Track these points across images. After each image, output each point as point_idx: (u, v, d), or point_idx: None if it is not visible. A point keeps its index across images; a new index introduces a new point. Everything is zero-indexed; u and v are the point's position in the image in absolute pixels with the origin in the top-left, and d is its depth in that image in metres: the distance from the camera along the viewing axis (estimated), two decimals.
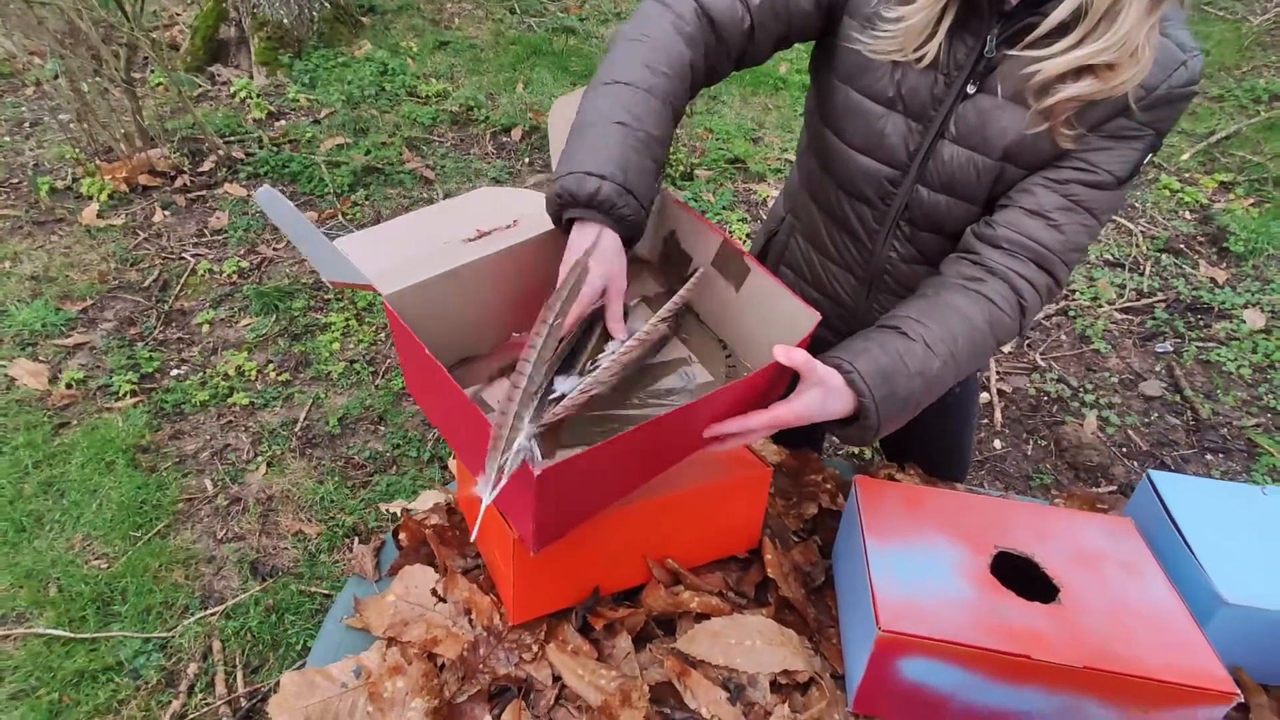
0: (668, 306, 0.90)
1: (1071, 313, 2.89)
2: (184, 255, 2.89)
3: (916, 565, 0.86)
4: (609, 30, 4.51)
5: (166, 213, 3.08)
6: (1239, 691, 0.75)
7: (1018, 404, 2.52)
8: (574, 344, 0.86)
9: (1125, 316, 2.88)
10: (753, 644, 0.88)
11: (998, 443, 2.39)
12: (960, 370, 0.85)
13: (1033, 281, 0.88)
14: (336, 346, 2.55)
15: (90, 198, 3.10)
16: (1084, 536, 0.93)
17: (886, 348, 0.82)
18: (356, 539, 2.01)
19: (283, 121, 3.60)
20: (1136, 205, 3.45)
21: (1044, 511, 0.98)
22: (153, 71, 3.79)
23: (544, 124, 3.71)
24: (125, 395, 2.33)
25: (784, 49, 0.96)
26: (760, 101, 4.12)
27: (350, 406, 2.35)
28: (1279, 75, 4.20)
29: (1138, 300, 2.94)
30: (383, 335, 2.62)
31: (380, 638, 0.87)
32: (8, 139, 3.43)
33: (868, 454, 2.31)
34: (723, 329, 1.01)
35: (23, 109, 3.64)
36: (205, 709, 1.63)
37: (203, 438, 2.24)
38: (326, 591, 1.87)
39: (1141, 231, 3.28)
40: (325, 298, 2.74)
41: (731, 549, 1.00)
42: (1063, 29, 0.80)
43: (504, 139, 3.66)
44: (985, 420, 2.46)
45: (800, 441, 1.20)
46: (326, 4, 4.03)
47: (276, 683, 0.80)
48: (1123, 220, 3.35)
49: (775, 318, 0.90)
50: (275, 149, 3.36)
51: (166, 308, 2.66)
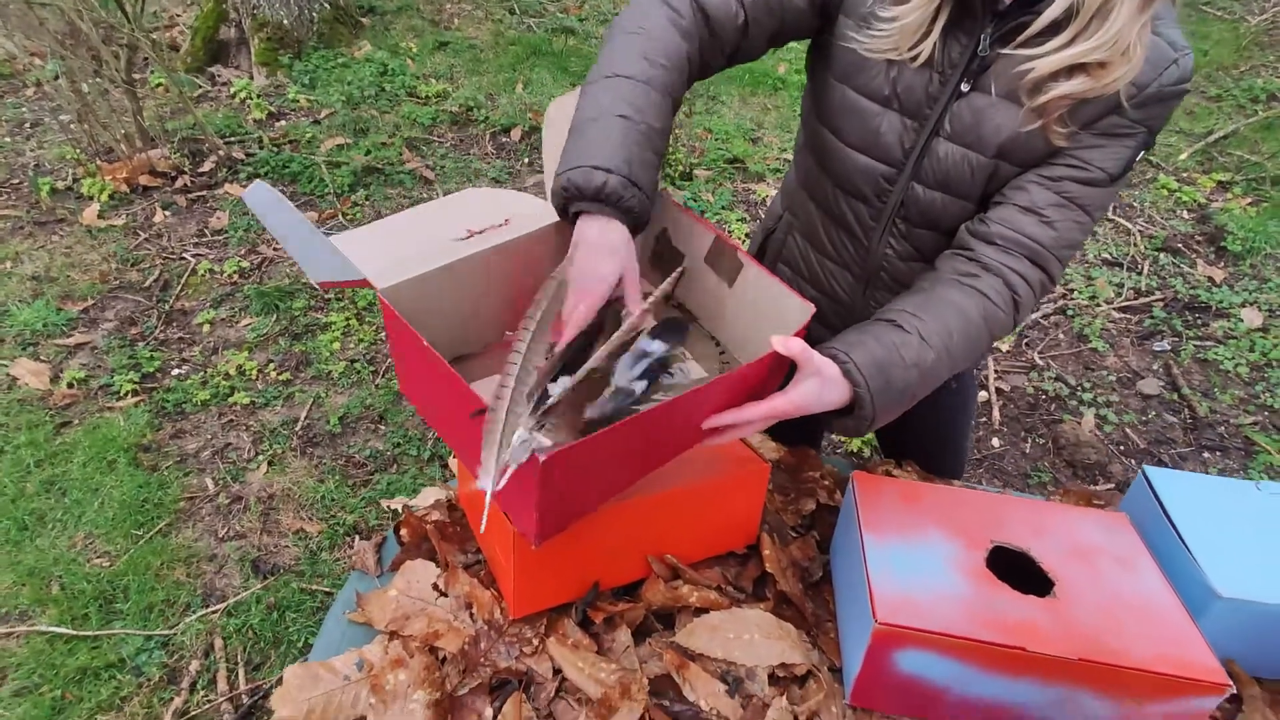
0: (650, 300, 0.90)
1: (1070, 312, 2.90)
2: (185, 255, 2.90)
3: (913, 559, 0.87)
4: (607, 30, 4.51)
5: (167, 213, 3.08)
6: (1231, 683, 0.76)
7: (1016, 402, 2.53)
8: (575, 353, 0.86)
9: (1123, 315, 2.89)
10: (751, 637, 0.89)
11: (996, 441, 2.40)
12: (955, 363, 0.86)
13: (1026, 277, 0.89)
14: (337, 346, 2.56)
15: (91, 198, 3.11)
16: (1079, 531, 0.94)
17: (882, 340, 0.83)
18: (358, 536, 2.02)
19: (283, 122, 3.61)
20: (1135, 205, 3.46)
21: (1040, 507, 0.99)
22: (153, 72, 3.80)
23: (543, 125, 3.72)
24: (126, 395, 2.33)
25: (778, 46, 0.97)
26: (759, 101, 4.13)
27: (351, 405, 2.36)
28: (1277, 75, 4.21)
29: (1135, 299, 2.95)
30: (383, 335, 2.63)
31: (382, 632, 0.88)
32: (8, 139, 3.44)
33: (866, 452, 2.32)
34: (716, 326, 1.01)
35: (23, 110, 3.65)
36: (207, 706, 1.64)
37: (204, 437, 2.25)
38: (328, 589, 1.88)
39: (1140, 231, 3.29)
40: (325, 297, 2.75)
41: (730, 544, 1.01)
42: (1055, 28, 0.81)
43: (504, 139, 3.67)
44: (983, 419, 2.47)
45: (799, 439, 1.21)
46: (326, 5, 4.04)
47: (279, 679, 0.81)
48: (1121, 220, 3.36)
49: (769, 312, 0.90)
50: (275, 149, 3.37)
51: (167, 308, 2.66)
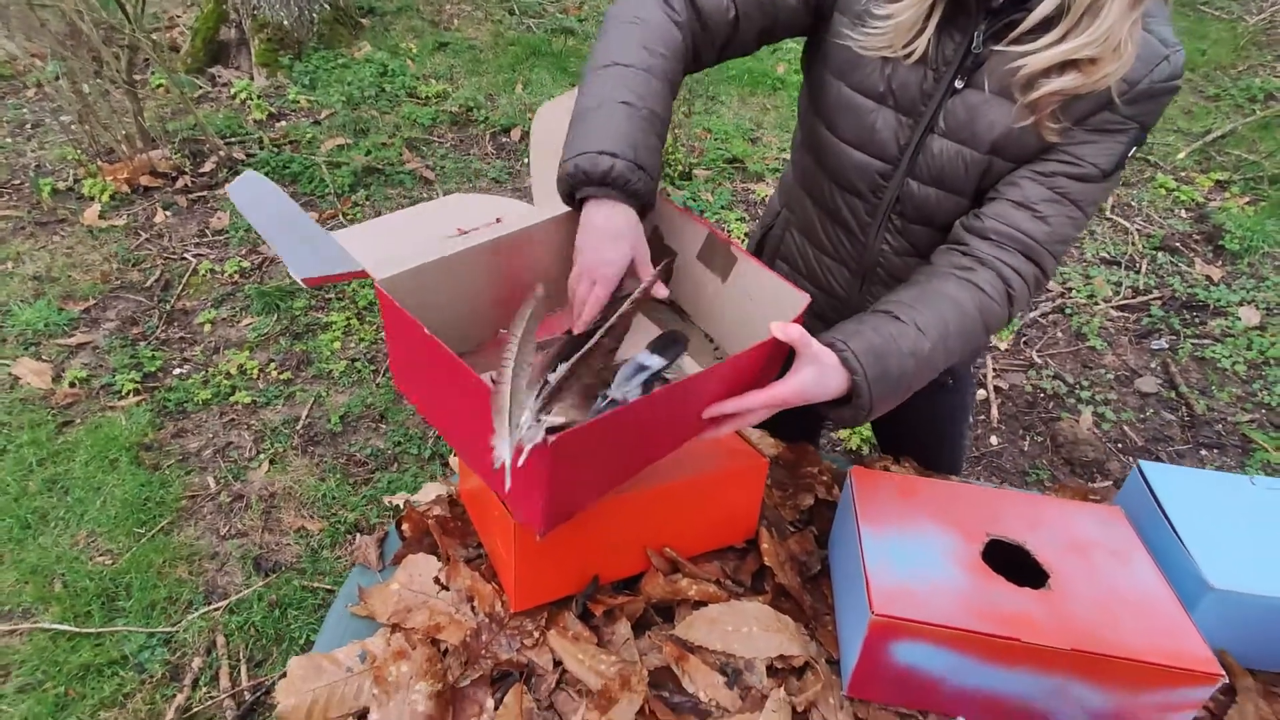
0: (634, 295, 0.90)
1: (1068, 310, 2.91)
2: (185, 255, 2.91)
3: (910, 552, 0.88)
4: None
5: (168, 213, 3.09)
6: (1223, 673, 0.77)
7: (1014, 400, 2.54)
8: (572, 348, 0.86)
9: (1121, 314, 2.90)
10: (749, 630, 0.90)
11: (994, 439, 2.41)
12: (951, 354, 0.87)
13: (1020, 271, 0.90)
14: (338, 345, 2.57)
15: (92, 198, 3.12)
16: (1075, 525, 0.95)
17: (880, 330, 0.84)
18: (359, 533, 2.03)
19: (283, 122, 3.62)
20: (1132, 204, 3.47)
21: (1036, 501, 0.99)
22: (154, 73, 3.81)
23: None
24: (128, 394, 2.34)
25: (771, 42, 0.98)
26: (758, 101, 4.14)
27: (352, 404, 2.37)
28: (1274, 74, 4.22)
29: (1133, 298, 2.96)
30: (383, 334, 2.63)
31: (384, 624, 0.88)
32: (9, 140, 3.45)
33: (865, 450, 2.33)
34: (709, 323, 1.01)
35: (24, 110, 3.66)
36: (210, 702, 1.65)
37: (205, 436, 2.26)
38: (329, 587, 1.89)
39: (1138, 230, 3.30)
40: (326, 297, 2.76)
41: (729, 539, 1.02)
42: (1047, 24, 0.82)
43: (503, 139, 3.68)
44: (982, 417, 2.48)
45: (797, 435, 1.22)
46: (326, 6, 4.05)
47: (281, 674, 0.81)
48: (1119, 219, 3.37)
49: (765, 304, 0.90)
50: (276, 150, 3.38)
51: (168, 307, 2.67)
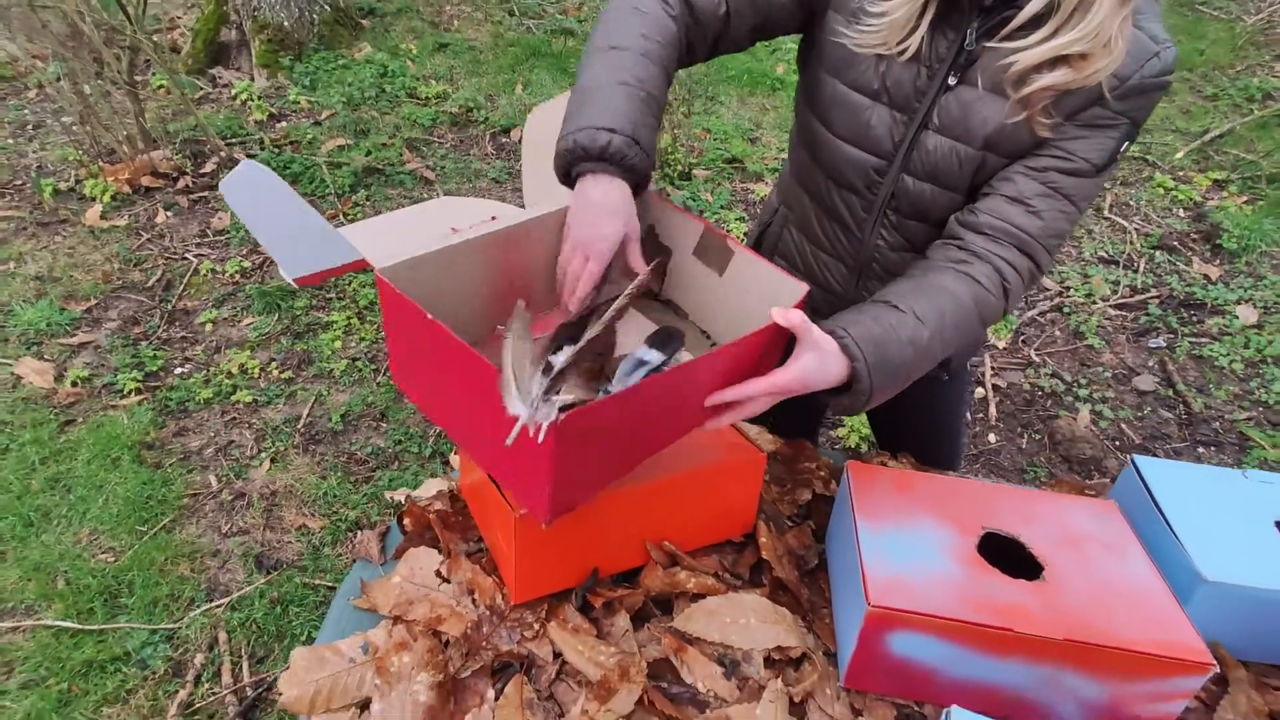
0: (625, 293, 0.91)
1: (1066, 309, 2.92)
2: (187, 255, 2.92)
3: (906, 545, 0.89)
4: None
5: (169, 213, 3.11)
6: (1214, 663, 0.78)
7: (1012, 398, 2.55)
8: (569, 334, 0.87)
9: (1119, 312, 2.91)
10: (747, 621, 0.91)
11: (992, 436, 2.42)
12: (948, 344, 0.88)
13: (1016, 265, 0.91)
14: (338, 345, 2.58)
15: (93, 199, 3.13)
16: (1069, 518, 0.96)
17: (879, 319, 0.85)
18: (361, 530, 2.03)
19: (284, 123, 3.63)
20: (1131, 203, 3.48)
21: (1031, 495, 1.00)
22: (155, 74, 3.82)
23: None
24: (130, 393, 2.35)
25: (765, 39, 1.00)
26: (758, 102, 4.15)
27: (352, 403, 2.38)
28: (1272, 74, 4.22)
29: (1131, 296, 2.97)
30: (383, 333, 2.64)
31: (386, 617, 0.89)
32: (11, 141, 3.46)
33: (863, 448, 2.34)
34: (707, 320, 1.02)
35: (26, 111, 3.67)
36: (212, 698, 1.66)
37: (207, 434, 2.27)
38: (330, 584, 1.90)
39: (1135, 229, 3.31)
40: (327, 297, 2.77)
41: (727, 533, 1.03)
42: (1037, 21, 0.84)
43: (503, 140, 3.69)
44: (980, 414, 2.49)
45: (795, 432, 1.23)
46: (326, 7, 4.06)
47: (285, 667, 0.83)
48: (1117, 218, 3.38)
49: (762, 295, 0.91)
50: (276, 150, 3.39)
51: (170, 307, 2.68)
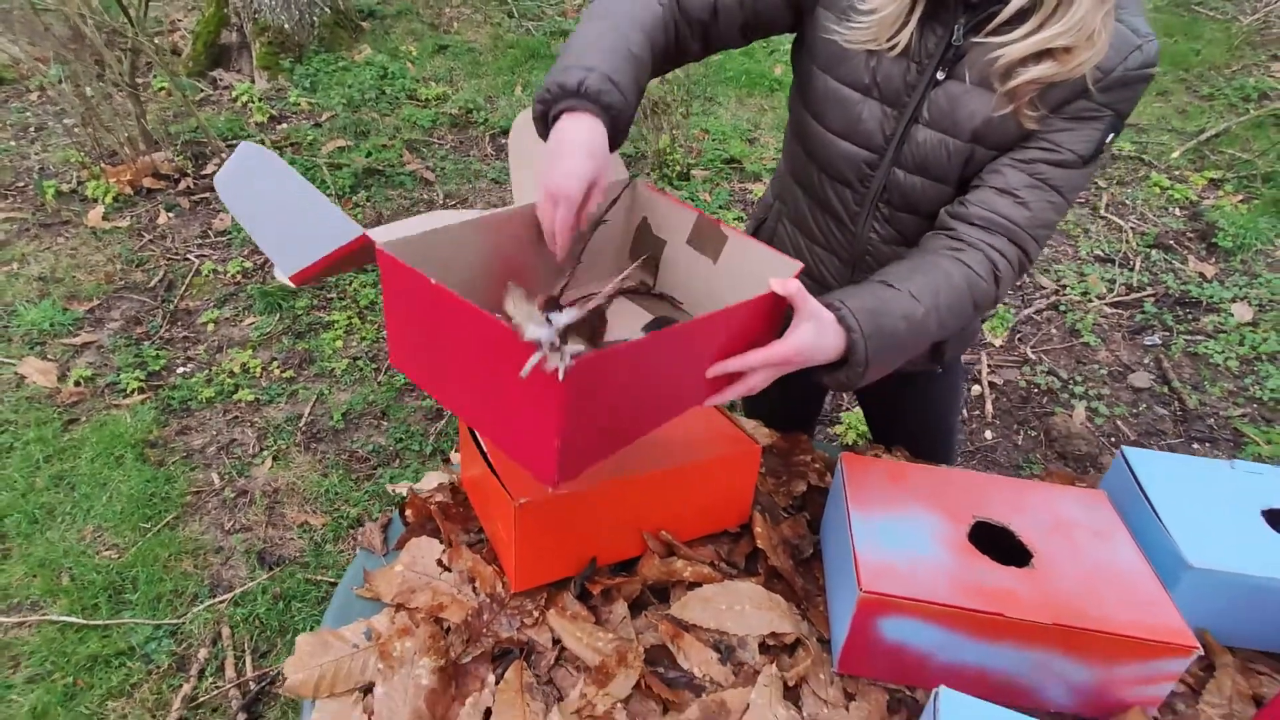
0: (614, 284, 0.90)
1: (1062, 307, 2.94)
2: (188, 256, 2.94)
3: (898, 533, 0.91)
4: None
5: (171, 215, 3.13)
6: (1198, 645, 0.79)
7: (1008, 396, 2.57)
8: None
9: (1115, 311, 2.93)
10: (742, 608, 0.92)
11: (989, 433, 2.44)
12: (942, 323, 0.90)
13: (1005, 254, 0.93)
14: (339, 344, 2.60)
15: (95, 200, 3.15)
16: (1059, 507, 0.98)
17: (875, 294, 0.87)
18: (362, 526, 2.05)
19: (284, 125, 3.65)
20: (1127, 202, 3.50)
21: (1022, 485, 1.02)
22: (156, 76, 3.84)
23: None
24: (133, 392, 2.37)
25: (757, 37, 1.02)
26: (756, 103, 4.18)
27: (354, 402, 2.40)
28: (1268, 74, 4.25)
29: (1127, 295, 2.99)
30: (384, 333, 2.66)
31: (389, 604, 0.91)
32: (13, 143, 3.48)
33: (860, 445, 2.35)
34: (703, 309, 1.02)
35: (28, 114, 3.69)
36: (215, 692, 1.68)
37: (209, 433, 2.29)
38: (332, 580, 1.91)
39: (1132, 228, 3.33)
40: (328, 297, 2.79)
41: (723, 523, 1.05)
42: (1022, 15, 0.86)
43: (503, 141, 3.71)
44: (976, 411, 2.51)
45: (792, 427, 1.25)
46: (327, 9, 4.08)
47: (290, 657, 0.84)
48: (1113, 217, 3.40)
49: (757, 275, 0.91)
50: (277, 151, 3.41)
51: (172, 307, 2.70)
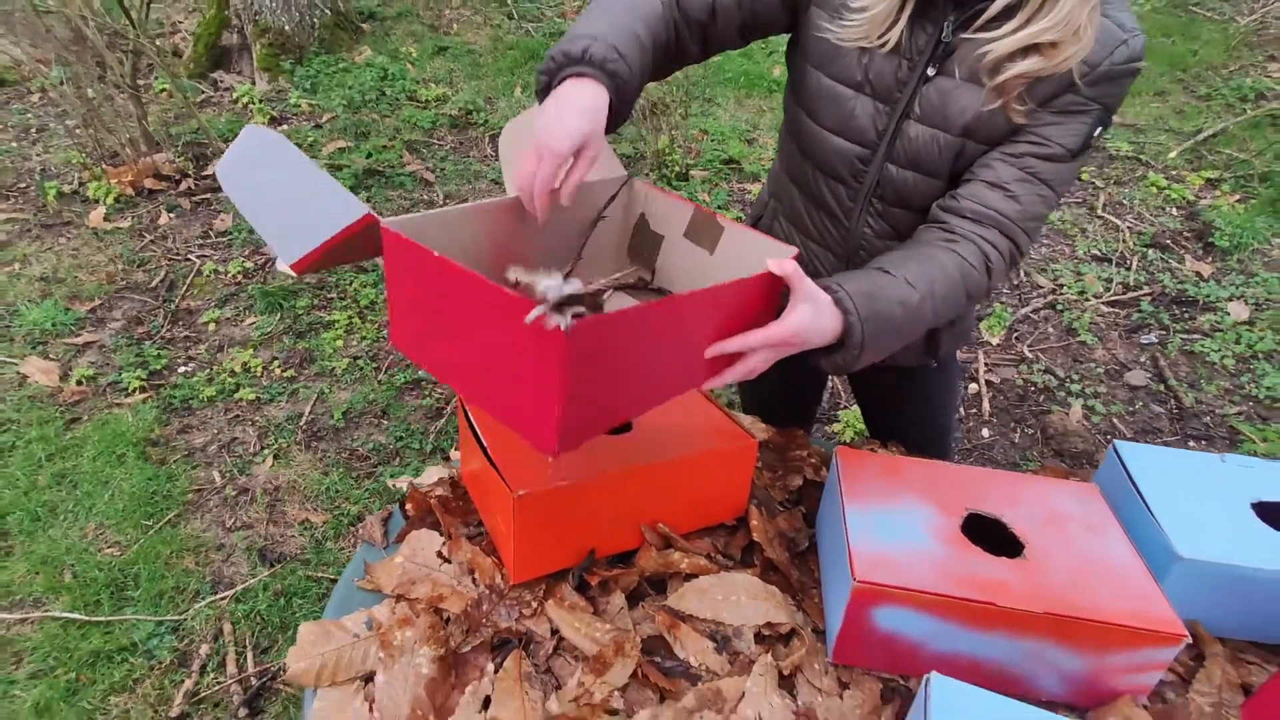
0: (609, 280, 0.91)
1: (1059, 306, 2.95)
2: (189, 257, 2.96)
3: (891, 525, 0.92)
4: None
5: (172, 215, 3.14)
6: (1186, 634, 0.81)
7: (1005, 394, 2.58)
8: None
9: (1111, 309, 2.94)
10: (738, 599, 0.94)
11: (986, 431, 2.45)
12: (937, 310, 0.91)
13: (997, 246, 0.95)
14: (340, 343, 2.61)
15: (97, 201, 3.16)
16: (1051, 500, 0.99)
17: (871, 278, 0.88)
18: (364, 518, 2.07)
19: (285, 126, 3.67)
20: (1124, 202, 3.52)
21: (1015, 479, 1.04)
22: (157, 78, 3.86)
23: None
24: (134, 391, 2.38)
25: (756, 38, 1.03)
26: (754, 104, 4.19)
27: (354, 401, 2.41)
28: (1265, 74, 4.26)
29: (1124, 294, 3.00)
30: (384, 332, 2.68)
31: (389, 595, 0.92)
32: (15, 145, 3.49)
33: (857, 442, 2.37)
34: None
35: (29, 115, 3.71)
36: (217, 687, 1.69)
37: (210, 431, 2.30)
38: (333, 576, 1.92)
39: (1129, 227, 3.35)
40: (329, 296, 2.80)
41: (719, 516, 1.06)
42: (1009, 11, 0.88)
43: None
44: (974, 410, 2.52)
45: (789, 422, 1.26)
46: (327, 11, 4.10)
47: (286, 661, 0.85)
48: (1110, 216, 3.41)
49: (753, 266, 0.91)
50: None
51: (173, 307, 2.72)
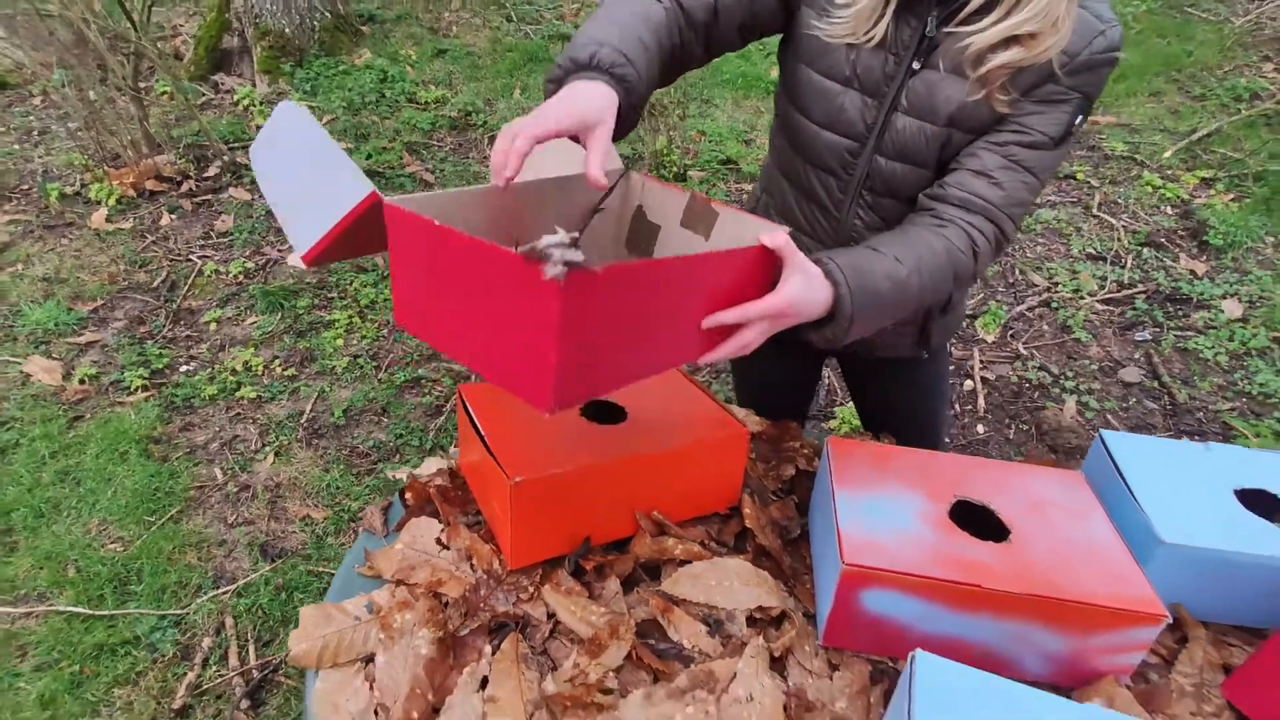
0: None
1: (1054, 304, 2.97)
2: (191, 257, 2.98)
3: (880, 511, 0.94)
4: None
5: (173, 216, 3.16)
6: (1167, 614, 0.83)
7: (1000, 391, 2.60)
8: None
9: (1106, 307, 2.96)
10: (731, 584, 0.96)
11: (981, 427, 2.47)
12: (924, 287, 0.93)
13: (983, 231, 0.97)
14: (340, 342, 2.63)
15: (99, 202, 3.19)
16: (1038, 488, 1.01)
17: (860, 254, 0.91)
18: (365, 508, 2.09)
19: None
20: (1119, 201, 3.54)
21: (1002, 467, 1.06)
22: (158, 80, 3.89)
23: None
24: (136, 390, 2.41)
25: (754, 38, 1.06)
26: (752, 105, 4.22)
27: (354, 399, 2.43)
28: (1260, 74, 4.28)
29: (1119, 292, 3.02)
30: (385, 331, 2.70)
31: (389, 580, 0.95)
32: (17, 147, 3.52)
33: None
34: None
35: (31, 118, 3.73)
36: (219, 680, 1.71)
37: (212, 429, 2.32)
38: (334, 571, 1.94)
39: (1124, 226, 3.37)
40: (329, 296, 2.83)
41: (713, 505, 1.08)
42: (990, 5, 0.91)
43: None
44: (969, 406, 2.54)
45: (783, 416, 1.29)
46: (327, 14, 4.13)
47: (287, 654, 0.88)
48: (1106, 216, 3.44)
49: (748, 244, 0.91)
50: None
51: (175, 307, 2.74)
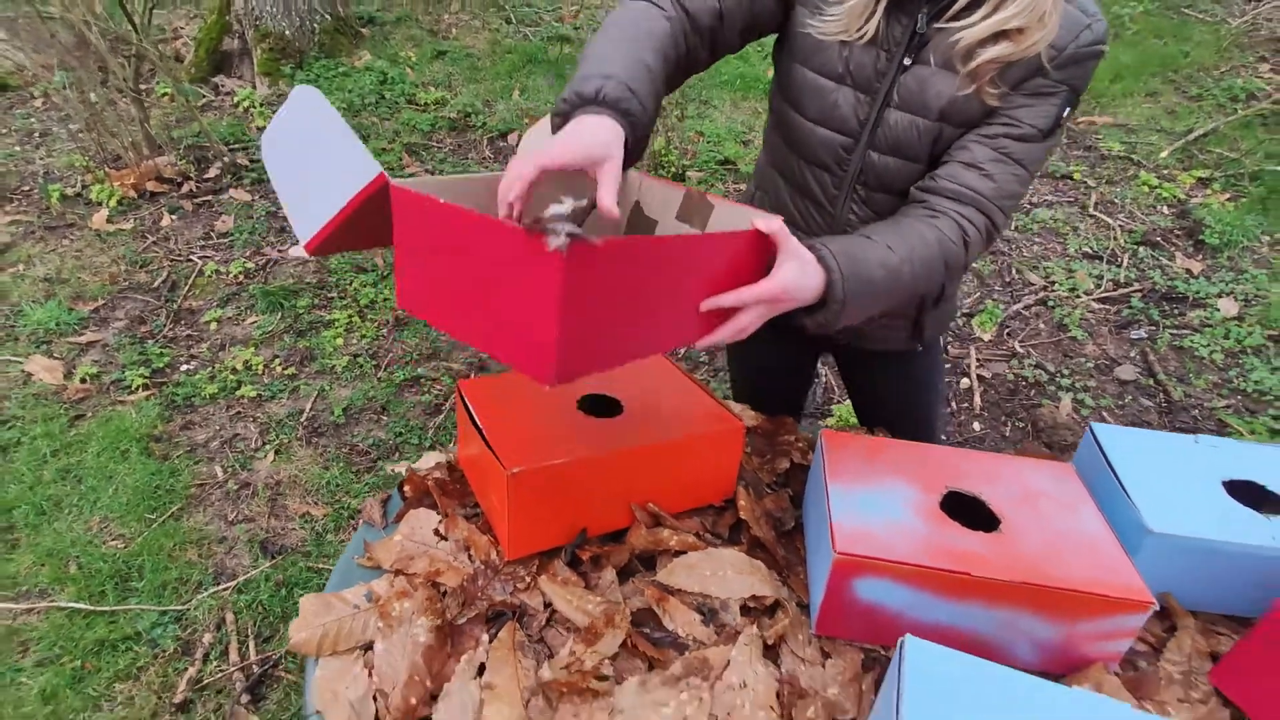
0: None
1: (1050, 303, 2.98)
2: (191, 257, 2.99)
3: (873, 502, 0.95)
4: None
5: (174, 217, 3.18)
6: (1154, 601, 0.84)
7: (996, 388, 2.62)
8: None
9: (1102, 306, 2.98)
10: (725, 574, 0.97)
11: (977, 425, 2.48)
12: (915, 275, 0.94)
13: (974, 222, 0.99)
14: (340, 342, 2.65)
15: (100, 204, 3.20)
16: (1029, 479, 1.03)
17: (853, 241, 0.92)
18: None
19: None
20: (1116, 201, 3.56)
21: (994, 459, 1.07)
22: (159, 82, 3.90)
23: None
24: (137, 389, 2.42)
25: (753, 39, 1.07)
26: (750, 106, 4.24)
27: (354, 398, 2.44)
28: (1256, 75, 4.30)
29: (1115, 290, 3.03)
30: (384, 330, 2.71)
31: (388, 570, 0.96)
32: (19, 149, 3.54)
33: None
34: None
35: (32, 120, 3.75)
36: (220, 675, 1.72)
37: (212, 428, 2.33)
38: (333, 567, 1.96)
39: (1120, 225, 3.39)
40: (329, 296, 2.84)
41: (708, 498, 1.09)
42: (978, 1, 0.92)
43: (501, 144, 3.77)
44: (965, 404, 2.55)
45: (779, 400, 1.30)
46: (327, 16, 4.15)
47: (287, 647, 0.89)
48: (1102, 215, 3.45)
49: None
50: None
51: (175, 307, 2.75)
